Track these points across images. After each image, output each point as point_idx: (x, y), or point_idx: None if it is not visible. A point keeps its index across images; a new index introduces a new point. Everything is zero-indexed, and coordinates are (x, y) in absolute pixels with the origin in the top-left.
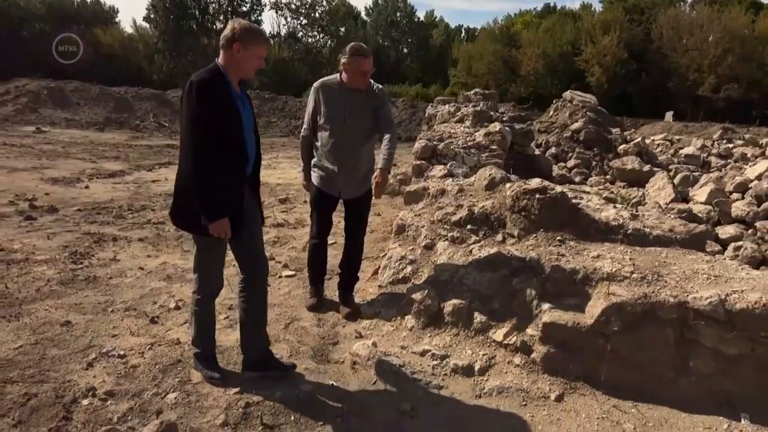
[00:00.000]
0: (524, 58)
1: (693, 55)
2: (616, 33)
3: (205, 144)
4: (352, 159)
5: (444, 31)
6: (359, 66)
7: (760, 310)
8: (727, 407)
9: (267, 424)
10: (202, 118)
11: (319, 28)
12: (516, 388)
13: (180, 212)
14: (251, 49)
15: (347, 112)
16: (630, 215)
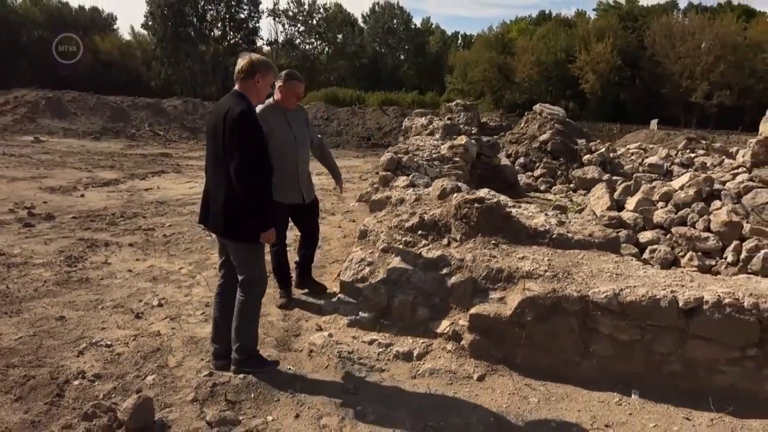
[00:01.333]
0: (519, 65)
1: (685, 62)
2: (609, 40)
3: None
4: (304, 167)
5: (440, 38)
6: (294, 89)
7: (646, 302)
8: (622, 385)
9: (230, 400)
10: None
11: (317, 35)
12: (445, 370)
13: (235, 225)
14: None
15: (293, 129)
16: (557, 222)
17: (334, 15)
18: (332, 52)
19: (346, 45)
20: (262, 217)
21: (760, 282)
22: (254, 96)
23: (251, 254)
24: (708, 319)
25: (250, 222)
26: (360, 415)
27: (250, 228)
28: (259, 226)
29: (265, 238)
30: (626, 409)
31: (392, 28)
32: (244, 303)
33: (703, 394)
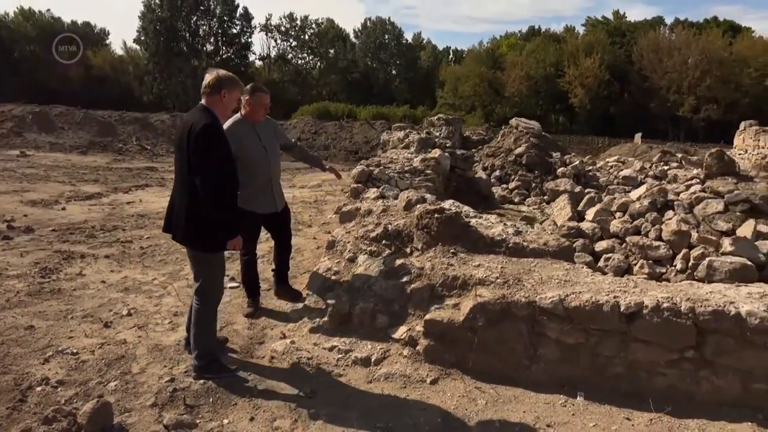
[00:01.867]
0: (509, 80)
1: (672, 76)
2: (598, 55)
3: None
4: (276, 177)
5: (432, 53)
6: (261, 101)
7: (589, 306)
8: (569, 387)
9: (189, 404)
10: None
11: (309, 49)
12: (400, 375)
13: (195, 235)
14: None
15: (263, 141)
16: (514, 231)
17: (326, 30)
18: (324, 66)
19: (338, 60)
20: (228, 227)
21: (700, 287)
22: (220, 110)
23: (209, 264)
24: (647, 322)
25: (218, 233)
26: (313, 417)
27: (217, 238)
28: (227, 236)
29: (232, 245)
30: (570, 410)
31: (384, 43)
32: (199, 311)
33: (645, 395)
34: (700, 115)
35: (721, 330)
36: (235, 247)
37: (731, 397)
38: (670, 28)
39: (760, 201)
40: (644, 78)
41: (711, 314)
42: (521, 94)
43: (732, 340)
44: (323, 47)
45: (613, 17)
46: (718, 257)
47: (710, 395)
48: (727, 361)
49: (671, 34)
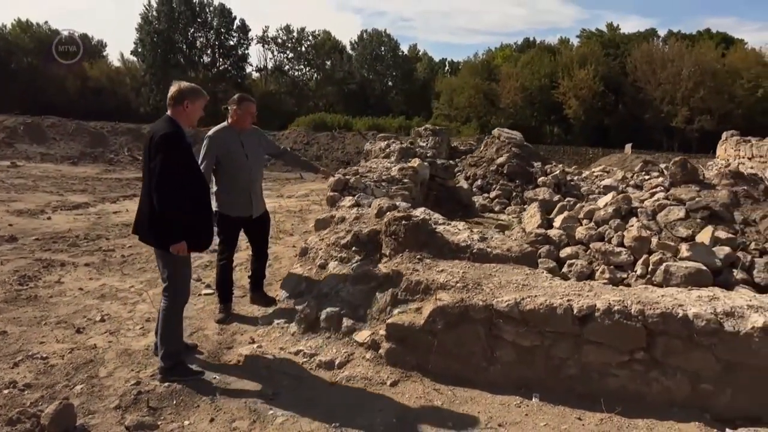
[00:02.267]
0: (503, 91)
1: (666, 87)
2: (592, 66)
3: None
4: (257, 183)
5: (428, 64)
6: (248, 109)
7: (543, 310)
8: (525, 389)
9: (152, 406)
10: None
11: (306, 61)
12: (362, 377)
13: (158, 234)
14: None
15: (246, 149)
16: (479, 238)
17: (323, 42)
18: (321, 78)
19: (335, 71)
20: (175, 231)
21: (654, 291)
22: (184, 120)
23: (175, 263)
24: (599, 325)
25: (165, 234)
26: (271, 418)
27: (181, 238)
28: (171, 239)
29: (176, 249)
30: (524, 411)
31: (380, 55)
32: (166, 310)
33: (598, 396)
34: (694, 126)
35: (669, 332)
36: (179, 252)
37: (680, 398)
38: (664, 40)
39: (720, 208)
40: (638, 89)
41: (659, 316)
42: (516, 105)
43: (680, 342)
44: (320, 59)
45: (607, 29)
46: (674, 262)
47: (660, 396)
48: (675, 362)
49: (665, 46)
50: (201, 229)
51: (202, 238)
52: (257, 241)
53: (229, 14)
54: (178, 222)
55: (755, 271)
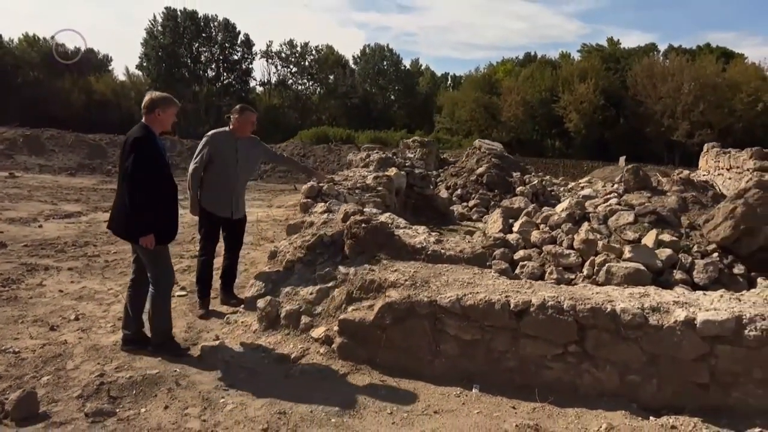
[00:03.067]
0: (505, 105)
1: (666, 101)
2: (592, 80)
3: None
4: (240, 187)
5: (430, 79)
6: (249, 118)
7: (482, 305)
8: (467, 381)
9: (113, 396)
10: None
11: (309, 75)
12: (314, 370)
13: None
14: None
15: (238, 154)
16: (435, 240)
17: (326, 57)
18: (324, 92)
19: (338, 85)
20: (143, 225)
21: (591, 289)
22: (158, 126)
23: (150, 255)
24: (534, 319)
25: (133, 229)
26: (221, 405)
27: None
28: (140, 232)
29: (144, 242)
30: (462, 400)
31: (382, 70)
32: (154, 296)
33: (535, 387)
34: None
35: (599, 326)
36: (147, 244)
37: (611, 388)
38: (664, 55)
39: (668, 213)
40: (639, 103)
41: (589, 311)
42: (517, 118)
43: (608, 335)
44: (323, 73)
45: (607, 44)
46: (616, 263)
47: (592, 386)
48: (605, 355)
49: (665, 60)
50: (168, 223)
51: (168, 232)
52: (232, 240)
53: (233, 29)
54: (147, 217)
55: (695, 272)
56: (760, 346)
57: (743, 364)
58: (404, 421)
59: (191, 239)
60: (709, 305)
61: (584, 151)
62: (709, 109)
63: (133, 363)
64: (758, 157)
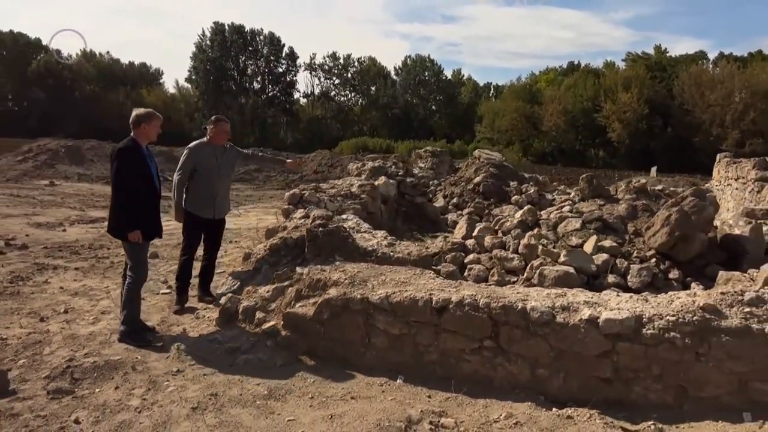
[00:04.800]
0: (546, 114)
1: (715, 110)
2: (636, 89)
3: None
4: (223, 190)
5: (472, 88)
6: (223, 128)
7: (407, 302)
8: (395, 372)
9: (75, 377)
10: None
11: (351, 87)
12: (257, 360)
13: (118, 227)
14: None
15: (218, 162)
16: (387, 244)
17: (368, 68)
18: (366, 103)
19: (379, 96)
20: (129, 222)
21: (513, 288)
22: (144, 138)
23: (133, 250)
24: (453, 315)
25: (119, 226)
26: (164, 387)
27: (125, 231)
28: (126, 228)
29: (132, 237)
30: (383, 389)
31: (424, 80)
32: (129, 284)
33: (454, 379)
34: (745, 149)
35: (510, 322)
36: (134, 239)
37: (522, 381)
38: (714, 63)
39: (614, 220)
40: (686, 112)
41: (501, 308)
42: (559, 128)
43: (519, 331)
44: (365, 84)
45: (655, 52)
46: (549, 266)
47: (505, 379)
48: (517, 350)
49: (714, 68)
50: (149, 222)
51: (151, 230)
52: (212, 240)
53: (278, 42)
54: (132, 215)
55: (629, 276)
56: (656, 343)
57: (642, 361)
58: (321, 405)
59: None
60: (615, 305)
61: (629, 161)
62: (761, 117)
63: (102, 350)
64: (761, 167)
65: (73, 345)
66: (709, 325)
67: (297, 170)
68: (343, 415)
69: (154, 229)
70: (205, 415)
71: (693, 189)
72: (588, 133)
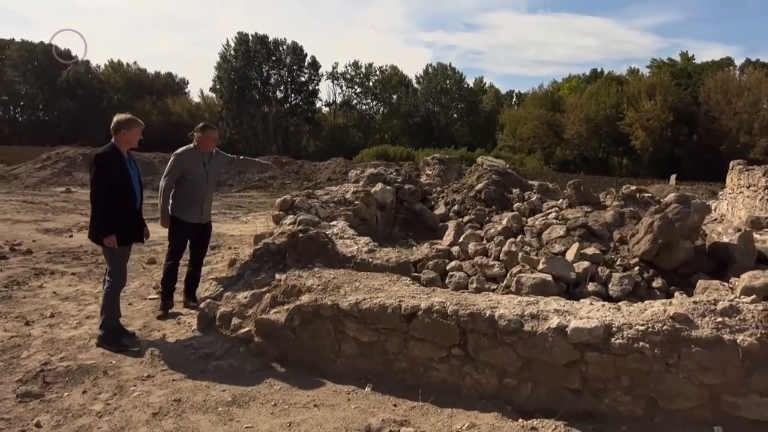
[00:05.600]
0: (568, 122)
1: (742, 117)
2: (660, 97)
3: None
4: (209, 195)
5: (494, 96)
6: (210, 135)
7: (377, 309)
8: (363, 380)
9: (47, 381)
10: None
11: (373, 95)
12: (228, 366)
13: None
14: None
15: (206, 168)
16: (367, 250)
17: (390, 77)
18: (387, 111)
19: (401, 105)
20: (104, 227)
21: (486, 295)
22: (124, 144)
23: (111, 255)
24: (421, 323)
25: (96, 231)
26: (130, 392)
27: (102, 235)
28: (102, 233)
29: (108, 242)
30: (349, 397)
31: (445, 88)
32: (107, 289)
33: (423, 387)
34: None
35: (477, 330)
36: (106, 244)
37: (490, 390)
38: (741, 69)
39: (599, 227)
40: (712, 119)
41: (469, 316)
42: (581, 136)
43: (487, 339)
44: (386, 93)
45: (680, 59)
46: (526, 274)
47: (474, 388)
48: (484, 358)
49: (741, 75)
50: (127, 227)
51: (128, 235)
52: (199, 245)
53: (301, 51)
54: (108, 220)
55: (610, 284)
56: (626, 353)
57: (611, 371)
58: (282, 412)
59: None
60: (585, 314)
61: (654, 169)
62: None
63: (78, 354)
64: None
65: (51, 349)
66: (679, 335)
67: (279, 170)
68: (301, 423)
69: (133, 235)
70: (164, 421)
71: (676, 195)
72: (611, 140)
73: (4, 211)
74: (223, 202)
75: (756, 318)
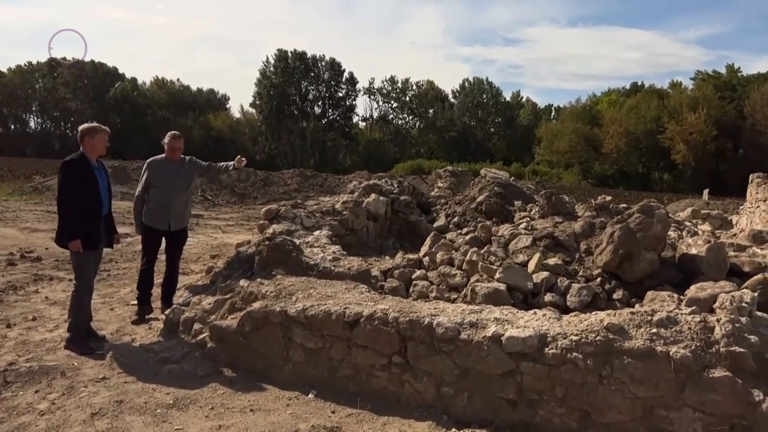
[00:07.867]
0: (606, 136)
1: None
2: (703, 110)
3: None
4: (178, 203)
5: (531, 110)
6: (172, 144)
7: (321, 315)
8: (309, 386)
9: (8, 380)
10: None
11: (409, 110)
12: (180, 370)
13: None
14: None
15: (173, 175)
16: (331, 258)
17: (426, 92)
18: (423, 126)
19: (437, 119)
20: (69, 232)
21: (431, 303)
22: (91, 151)
23: (76, 259)
24: (363, 330)
25: (62, 236)
26: (78, 392)
27: (67, 240)
28: (67, 238)
29: (73, 246)
30: (288, 403)
31: (482, 102)
32: (73, 293)
33: (364, 394)
34: None
35: (416, 337)
36: (71, 248)
37: (428, 399)
38: None
39: (566, 237)
40: (758, 134)
41: (407, 323)
42: (620, 150)
43: (425, 347)
44: (423, 107)
45: (726, 71)
46: (481, 283)
47: (412, 396)
48: (423, 366)
49: None
50: (91, 232)
51: (92, 240)
52: (171, 253)
53: (338, 67)
54: (73, 225)
55: (569, 295)
56: (559, 364)
57: (546, 382)
58: (216, 416)
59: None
60: (523, 323)
61: (696, 184)
62: None
63: (45, 356)
64: None
65: (22, 350)
66: (612, 345)
67: (239, 166)
68: (230, 427)
69: (99, 240)
70: (99, 421)
71: (640, 205)
72: (651, 155)
73: (25, 220)
74: (243, 214)
75: (692, 330)
